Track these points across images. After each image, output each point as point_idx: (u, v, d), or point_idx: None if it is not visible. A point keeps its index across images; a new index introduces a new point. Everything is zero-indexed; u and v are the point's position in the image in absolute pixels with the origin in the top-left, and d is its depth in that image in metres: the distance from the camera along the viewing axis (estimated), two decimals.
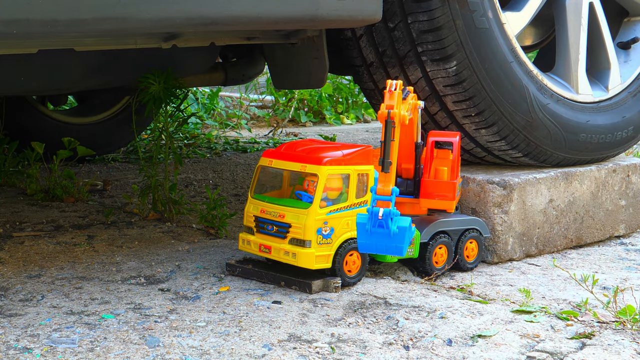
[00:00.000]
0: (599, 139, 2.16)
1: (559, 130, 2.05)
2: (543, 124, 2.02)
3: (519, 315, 1.58)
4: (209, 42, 1.88)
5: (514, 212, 1.95)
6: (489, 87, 1.92)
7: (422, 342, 1.44)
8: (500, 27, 1.95)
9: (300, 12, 1.60)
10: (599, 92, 2.22)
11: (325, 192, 1.67)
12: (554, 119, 2.04)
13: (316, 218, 1.65)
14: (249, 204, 1.77)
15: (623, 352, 1.40)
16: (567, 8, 2.14)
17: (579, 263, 1.99)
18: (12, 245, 2.03)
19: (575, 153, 2.11)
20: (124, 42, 1.81)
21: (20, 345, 1.38)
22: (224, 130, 4.35)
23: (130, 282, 1.75)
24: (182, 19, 1.48)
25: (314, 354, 1.37)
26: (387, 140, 1.55)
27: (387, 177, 1.56)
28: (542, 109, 2.02)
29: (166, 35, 1.76)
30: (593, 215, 2.14)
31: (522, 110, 1.98)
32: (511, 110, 1.96)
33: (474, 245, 1.87)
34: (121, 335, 1.43)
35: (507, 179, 1.95)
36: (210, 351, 1.37)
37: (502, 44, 1.95)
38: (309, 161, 1.69)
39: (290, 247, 1.67)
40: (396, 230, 1.53)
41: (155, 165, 2.28)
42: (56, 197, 2.57)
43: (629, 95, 2.27)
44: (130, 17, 1.43)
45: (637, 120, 2.27)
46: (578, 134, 2.10)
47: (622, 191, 2.20)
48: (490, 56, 1.92)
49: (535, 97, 2.00)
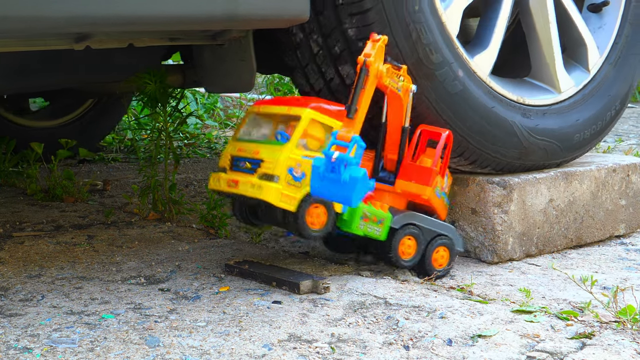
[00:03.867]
0: (591, 131, 2.14)
1: (554, 146, 2.06)
2: (539, 148, 2.02)
3: (519, 315, 1.58)
4: (126, 43, 1.79)
5: (514, 212, 1.95)
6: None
7: (422, 342, 1.44)
8: (473, 79, 1.91)
9: (218, 11, 1.52)
10: (580, 75, 2.17)
11: (305, 139, 1.63)
12: (547, 138, 2.03)
13: (290, 156, 1.61)
14: (229, 145, 1.74)
15: (623, 352, 1.40)
16: (532, 9, 2.08)
17: (579, 263, 1.99)
18: (12, 245, 2.03)
19: (573, 153, 2.12)
20: (32, 44, 1.71)
21: (20, 345, 1.38)
22: (224, 130, 4.35)
23: (130, 282, 1.75)
24: (90, 18, 1.40)
25: (314, 354, 1.37)
26: (358, 87, 1.59)
27: (351, 123, 1.57)
28: (532, 133, 2.00)
29: (76, 35, 1.66)
30: (593, 215, 2.14)
31: (513, 144, 1.98)
32: (503, 150, 1.97)
33: (445, 253, 1.83)
34: (121, 335, 1.43)
35: (507, 179, 1.95)
36: (210, 351, 1.37)
37: (481, 95, 1.91)
38: (294, 104, 1.67)
39: (257, 180, 1.62)
40: (347, 178, 1.49)
41: (154, 165, 2.28)
42: (56, 197, 2.57)
43: (610, 67, 2.21)
44: (32, 16, 1.35)
45: (623, 94, 2.21)
46: (572, 138, 2.10)
47: (622, 191, 2.20)
48: (473, 116, 1.90)
49: (522, 126, 1.99)
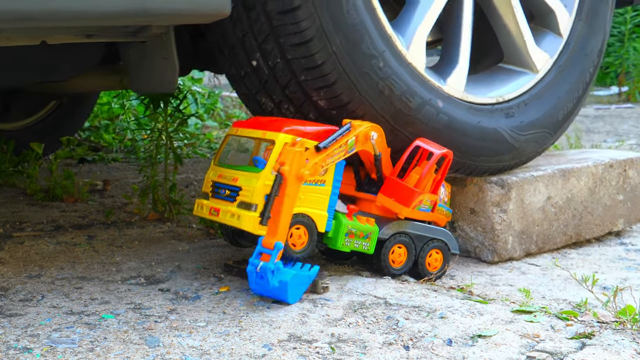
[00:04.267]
0: (574, 99, 2.11)
1: (544, 134, 2.04)
2: (529, 142, 2.01)
3: (519, 315, 1.58)
4: (39, 40, 1.71)
5: (512, 210, 1.95)
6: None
7: (422, 342, 1.44)
8: (454, 103, 1.87)
9: (124, 5, 1.45)
10: (553, 42, 2.12)
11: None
12: (535, 130, 2.02)
13: (266, 183, 1.61)
14: (210, 170, 1.75)
15: (623, 352, 1.40)
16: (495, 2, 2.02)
17: (578, 263, 1.99)
18: (12, 245, 2.03)
19: (562, 129, 2.11)
20: None
21: (20, 345, 1.38)
22: (224, 130, 4.35)
23: (130, 282, 1.75)
24: None
25: (314, 354, 1.37)
26: (272, 195, 1.57)
27: (273, 230, 1.56)
28: (519, 132, 2.00)
29: None
30: (592, 211, 2.14)
31: (506, 149, 1.97)
32: (496, 158, 1.96)
33: (439, 256, 1.83)
34: (121, 335, 1.43)
35: (504, 178, 1.95)
36: (210, 351, 1.37)
37: (466, 116, 1.89)
38: (269, 129, 1.67)
39: (236, 209, 1.63)
40: (277, 284, 1.55)
41: (154, 165, 2.28)
42: (56, 197, 2.57)
43: (582, 23, 2.14)
44: None
45: (598, 48, 2.17)
46: (558, 116, 2.07)
47: (619, 186, 2.20)
48: (464, 140, 1.89)
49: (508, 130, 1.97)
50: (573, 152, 2.39)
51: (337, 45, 1.69)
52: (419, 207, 1.78)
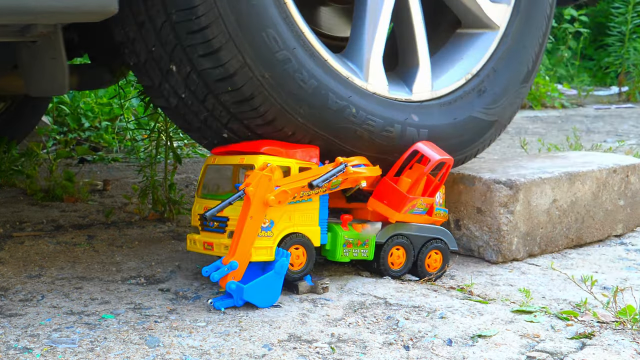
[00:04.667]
0: (538, 47, 2.04)
1: (515, 99, 2.00)
2: (506, 110, 1.99)
3: (519, 315, 1.58)
4: None
5: (519, 212, 1.95)
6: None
7: (422, 342, 1.44)
8: (433, 107, 1.82)
9: (4, 3, 1.38)
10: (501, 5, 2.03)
11: None
12: (505, 104, 1.98)
13: None
14: (195, 203, 1.73)
15: (623, 352, 1.40)
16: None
17: (579, 263, 1.99)
18: (12, 245, 2.03)
19: (530, 80, 2.07)
20: None
21: (20, 345, 1.38)
22: None
23: (130, 282, 1.75)
24: None
25: (314, 354, 1.37)
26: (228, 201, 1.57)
27: (232, 249, 1.56)
28: (491, 106, 1.96)
29: None
30: (593, 215, 2.14)
31: (490, 133, 1.96)
32: (485, 143, 1.96)
33: (438, 256, 1.83)
34: (121, 335, 1.43)
35: (513, 179, 1.94)
36: (210, 351, 1.37)
37: (446, 114, 1.85)
38: (247, 152, 1.66)
39: (229, 240, 1.61)
40: (241, 302, 1.57)
41: (154, 165, 2.28)
42: (56, 197, 2.57)
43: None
44: None
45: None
46: (523, 72, 2.02)
47: (621, 191, 2.21)
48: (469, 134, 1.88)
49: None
50: (575, 154, 2.39)
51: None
52: (413, 211, 1.78)
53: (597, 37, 7.97)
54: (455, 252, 1.97)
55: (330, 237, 1.71)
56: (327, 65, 1.70)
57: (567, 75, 7.17)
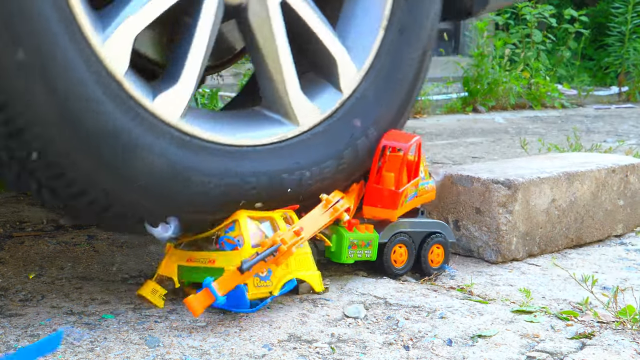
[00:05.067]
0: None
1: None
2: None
3: (519, 315, 1.58)
4: None
5: (518, 212, 1.95)
6: None
7: (422, 342, 1.44)
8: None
9: None
10: None
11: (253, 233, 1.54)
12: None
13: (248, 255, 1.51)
14: (169, 256, 1.61)
15: (623, 352, 1.40)
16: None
17: (579, 263, 1.99)
18: (12, 245, 2.03)
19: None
20: None
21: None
22: None
23: (130, 282, 1.75)
24: None
25: (314, 354, 1.37)
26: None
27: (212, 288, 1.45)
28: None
29: None
30: (593, 215, 2.14)
31: None
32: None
33: (440, 250, 1.84)
34: (121, 335, 1.43)
35: (512, 179, 1.95)
36: (210, 351, 1.37)
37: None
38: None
39: None
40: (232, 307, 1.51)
41: None
42: None
43: None
44: None
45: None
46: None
47: (620, 191, 2.21)
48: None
49: None
50: (575, 154, 2.39)
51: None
52: (406, 200, 1.78)
53: (597, 37, 7.96)
54: (454, 252, 1.97)
55: (336, 239, 1.71)
56: None
57: (567, 75, 7.16)
